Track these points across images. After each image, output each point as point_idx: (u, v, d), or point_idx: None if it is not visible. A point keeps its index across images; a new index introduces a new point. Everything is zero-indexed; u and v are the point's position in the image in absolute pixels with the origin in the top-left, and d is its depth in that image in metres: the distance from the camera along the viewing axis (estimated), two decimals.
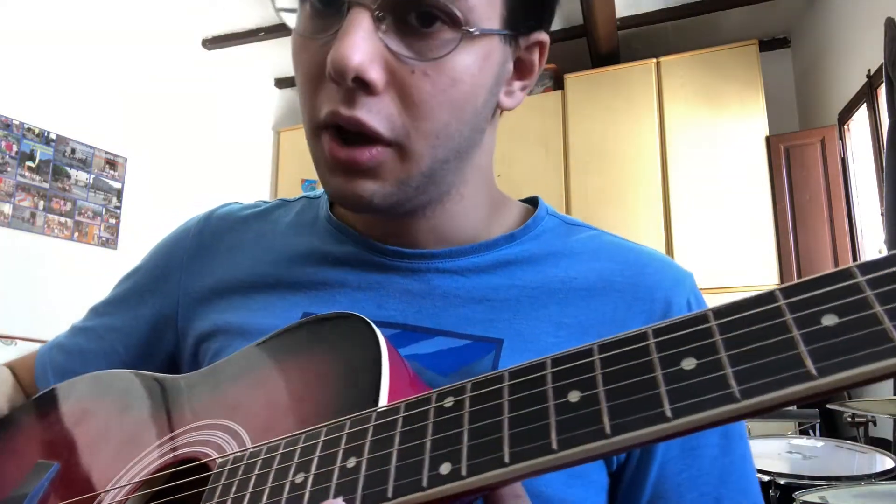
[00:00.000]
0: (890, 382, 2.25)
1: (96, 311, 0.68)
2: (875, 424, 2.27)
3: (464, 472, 0.27)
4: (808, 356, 0.23)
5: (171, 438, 0.48)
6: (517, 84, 0.53)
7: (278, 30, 3.52)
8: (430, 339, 0.50)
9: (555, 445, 0.26)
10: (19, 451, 0.59)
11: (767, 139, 3.06)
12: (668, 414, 0.24)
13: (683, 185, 3.16)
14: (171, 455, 0.47)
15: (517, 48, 0.51)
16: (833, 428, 2.82)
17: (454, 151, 0.49)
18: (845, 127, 2.97)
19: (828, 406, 2.11)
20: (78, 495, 0.50)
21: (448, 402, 0.31)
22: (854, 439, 2.07)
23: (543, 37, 0.52)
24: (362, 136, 0.45)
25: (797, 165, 3.00)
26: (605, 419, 0.25)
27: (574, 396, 0.27)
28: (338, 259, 0.56)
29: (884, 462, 1.62)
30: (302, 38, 0.47)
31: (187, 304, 0.61)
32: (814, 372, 0.23)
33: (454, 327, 0.51)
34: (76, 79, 3.04)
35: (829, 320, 0.24)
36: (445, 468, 0.28)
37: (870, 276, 0.24)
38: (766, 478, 1.54)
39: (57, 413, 0.60)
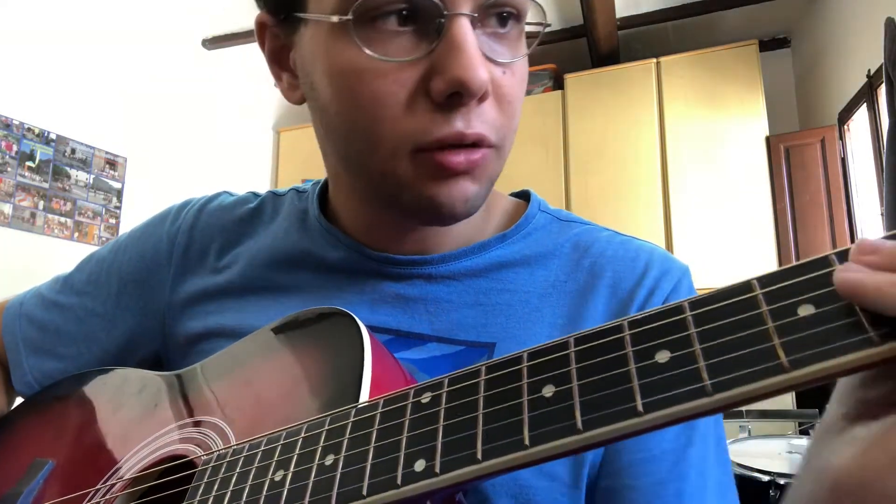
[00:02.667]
0: None
1: (71, 287, 0.66)
2: None
3: (437, 470, 0.27)
4: (782, 348, 0.23)
5: (161, 436, 0.49)
6: None
7: None
8: (422, 346, 0.50)
9: (527, 442, 0.25)
10: (18, 449, 0.59)
11: (767, 139, 3.05)
12: (640, 409, 0.24)
13: (683, 184, 3.16)
14: (160, 452, 0.47)
15: None
16: None
17: None
18: (845, 127, 2.97)
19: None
20: (71, 492, 0.50)
21: (425, 397, 0.31)
22: None
23: None
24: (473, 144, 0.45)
25: (797, 165, 2.99)
26: (578, 414, 0.25)
27: (548, 391, 0.27)
28: (330, 264, 0.55)
29: None
30: (382, 62, 0.42)
31: (177, 303, 0.60)
32: (786, 364, 0.23)
33: (447, 333, 0.50)
34: (76, 79, 3.04)
35: (806, 311, 0.24)
36: (420, 465, 0.28)
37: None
38: (765, 478, 1.54)
39: (52, 411, 0.61)
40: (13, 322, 0.65)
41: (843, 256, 0.24)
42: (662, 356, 0.25)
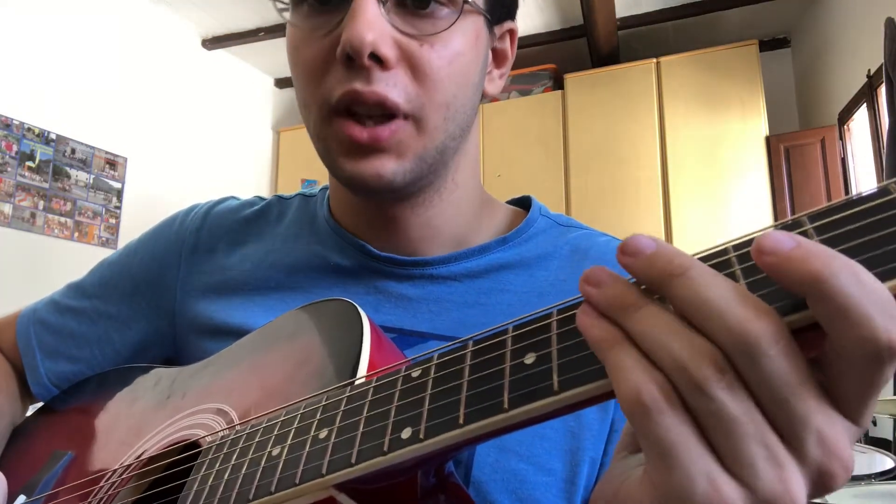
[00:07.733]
0: (890, 383, 2.23)
1: (84, 292, 0.68)
2: (875, 424, 2.26)
3: (422, 436, 0.28)
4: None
5: (172, 423, 0.51)
6: (496, 72, 0.57)
7: (278, 30, 3.53)
8: (424, 343, 0.52)
9: (506, 405, 0.26)
10: (42, 444, 0.62)
11: (767, 139, 3.06)
12: None
13: (683, 184, 3.16)
14: (170, 438, 0.50)
15: (493, 37, 0.55)
16: None
17: (460, 128, 0.51)
18: (845, 127, 2.97)
19: None
20: (88, 478, 0.53)
21: (416, 371, 0.32)
22: None
23: (513, 25, 0.57)
24: (381, 112, 0.47)
25: (797, 165, 2.99)
26: (555, 376, 0.26)
27: (530, 358, 0.27)
28: (336, 265, 0.58)
29: (884, 462, 1.60)
30: (304, 32, 0.49)
31: (186, 302, 0.62)
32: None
33: (448, 331, 0.52)
34: (76, 79, 3.05)
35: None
36: (406, 433, 0.29)
37: (817, 223, 0.24)
38: None
39: (73, 409, 0.64)
40: (27, 327, 0.68)
41: (813, 217, 0.25)
42: None
